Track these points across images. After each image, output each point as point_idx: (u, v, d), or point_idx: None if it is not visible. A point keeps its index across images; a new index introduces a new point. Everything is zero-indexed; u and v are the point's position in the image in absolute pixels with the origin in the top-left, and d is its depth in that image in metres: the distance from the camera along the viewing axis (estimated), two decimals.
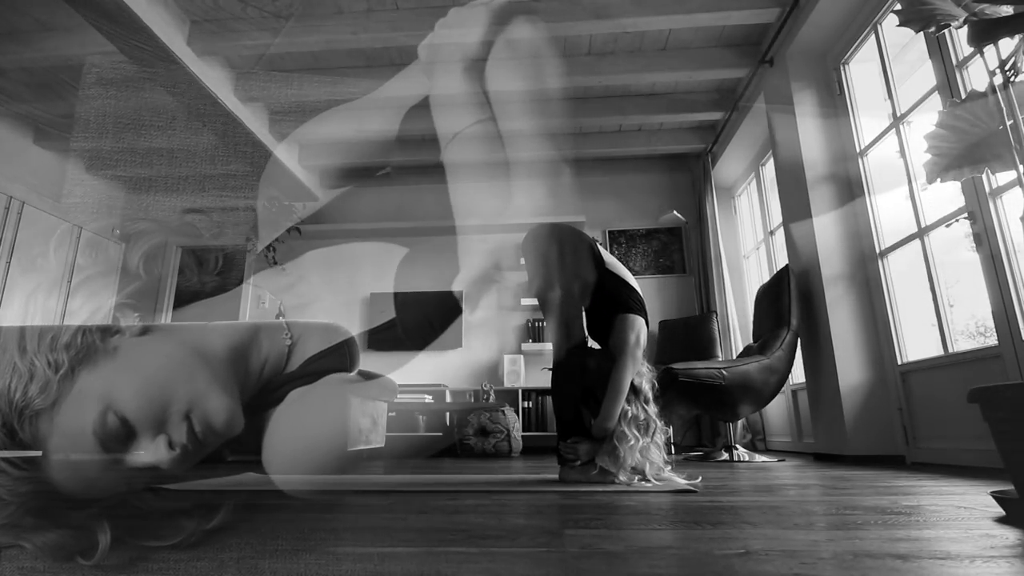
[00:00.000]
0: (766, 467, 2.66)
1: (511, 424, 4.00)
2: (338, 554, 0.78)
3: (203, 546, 0.79)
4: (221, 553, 0.77)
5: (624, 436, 1.79)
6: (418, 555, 0.79)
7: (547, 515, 1.18)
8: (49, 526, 0.72)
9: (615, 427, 1.80)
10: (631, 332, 1.93)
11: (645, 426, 1.83)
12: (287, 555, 0.77)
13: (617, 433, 1.80)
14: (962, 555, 0.76)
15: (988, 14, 1.14)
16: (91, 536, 0.71)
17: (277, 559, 0.75)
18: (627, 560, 0.75)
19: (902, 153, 2.74)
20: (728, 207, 5.08)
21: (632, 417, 1.82)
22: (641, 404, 1.86)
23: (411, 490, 1.63)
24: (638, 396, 1.87)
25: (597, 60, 3.91)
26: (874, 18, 2.88)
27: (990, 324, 2.20)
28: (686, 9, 3.31)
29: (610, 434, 1.81)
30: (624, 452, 1.77)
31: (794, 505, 1.28)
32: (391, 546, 0.85)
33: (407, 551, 0.81)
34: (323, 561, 0.74)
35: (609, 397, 1.84)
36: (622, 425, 1.80)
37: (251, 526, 0.99)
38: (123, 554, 0.73)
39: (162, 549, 0.76)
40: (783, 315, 3.13)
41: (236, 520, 0.99)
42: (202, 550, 0.78)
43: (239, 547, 0.81)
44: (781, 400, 3.89)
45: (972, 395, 1.14)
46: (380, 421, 3.75)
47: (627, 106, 4.43)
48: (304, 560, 0.74)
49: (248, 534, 0.91)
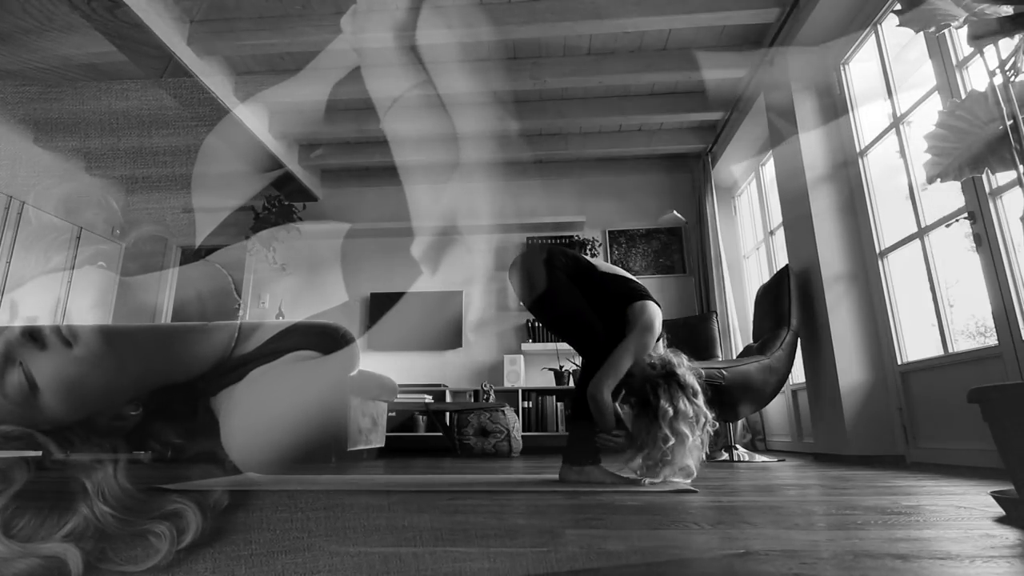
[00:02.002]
0: (766, 467, 2.66)
1: (511, 424, 4.00)
2: (338, 554, 0.78)
3: (179, 565, 0.73)
4: (222, 553, 0.77)
5: (678, 435, 1.72)
6: (418, 555, 0.79)
7: (547, 515, 1.18)
8: (21, 553, 0.67)
9: (658, 431, 1.73)
10: (641, 314, 1.91)
11: (695, 420, 1.76)
12: (287, 555, 0.77)
13: (662, 435, 1.73)
14: (962, 555, 0.76)
15: (988, 14, 1.14)
16: (62, 564, 0.66)
17: (277, 559, 0.75)
18: (627, 560, 0.75)
19: (902, 153, 2.74)
20: (728, 207, 5.08)
21: (682, 413, 1.75)
22: (689, 398, 1.79)
23: (411, 490, 1.63)
24: (685, 391, 1.79)
25: (597, 60, 3.91)
26: (874, 18, 2.88)
27: (990, 324, 2.20)
28: (686, 9, 3.31)
29: (656, 439, 1.74)
30: (678, 453, 1.71)
31: (794, 505, 1.28)
32: (391, 546, 0.85)
33: (407, 551, 0.81)
34: (324, 561, 0.74)
35: (604, 367, 1.82)
36: (668, 427, 1.73)
37: (251, 526, 0.99)
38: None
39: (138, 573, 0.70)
40: (783, 315, 3.13)
41: (236, 520, 0.99)
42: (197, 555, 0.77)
43: (239, 547, 0.81)
44: (781, 400, 3.89)
45: (972, 395, 1.14)
46: (380, 421, 3.75)
47: (627, 106, 4.43)
48: (305, 560, 0.74)
49: (253, 532, 0.91)
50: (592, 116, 4.45)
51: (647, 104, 4.43)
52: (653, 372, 1.83)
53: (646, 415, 1.80)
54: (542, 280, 1.96)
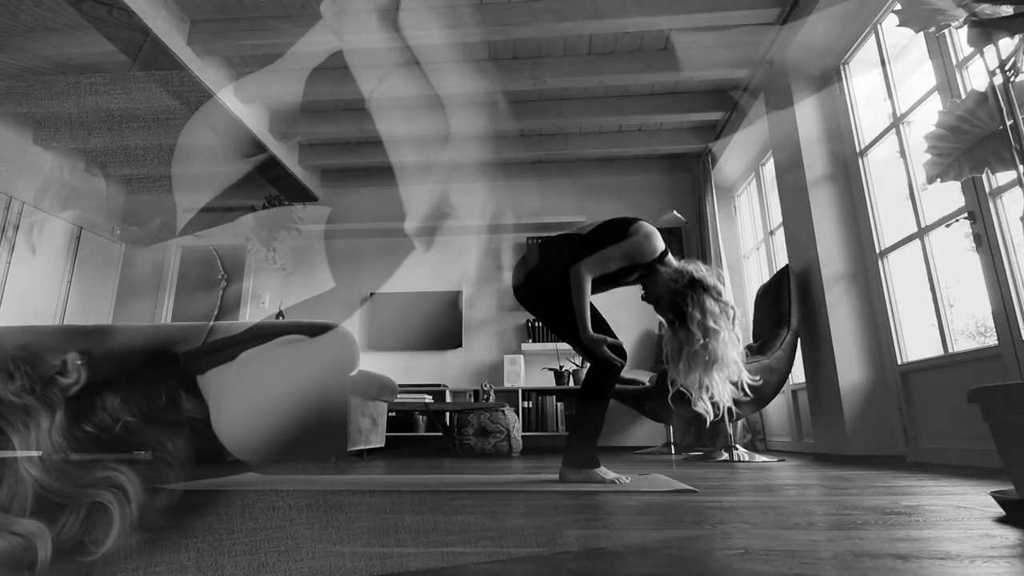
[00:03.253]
0: (766, 467, 2.66)
1: (511, 424, 4.00)
2: (339, 554, 0.78)
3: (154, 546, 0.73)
4: (222, 554, 0.77)
5: (710, 332, 1.78)
6: (418, 555, 0.79)
7: (547, 515, 1.18)
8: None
9: (693, 336, 1.80)
10: (638, 229, 1.96)
11: (724, 314, 1.83)
12: (288, 555, 0.77)
13: (696, 338, 1.79)
14: (962, 555, 0.76)
15: (988, 14, 1.14)
16: (31, 548, 0.65)
17: (278, 559, 0.75)
18: (627, 560, 0.75)
19: (902, 153, 2.74)
20: (728, 207, 5.08)
21: (709, 312, 1.81)
22: (713, 297, 1.85)
23: (411, 490, 1.63)
24: (708, 292, 1.86)
25: (597, 60, 3.91)
26: (874, 18, 2.88)
27: (990, 324, 2.20)
28: (686, 9, 3.31)
29: (693, 343, 1.80)
30: (716, 348, 1.77)
31: (794, 505, 1.28)
32: (391, 546, 0.85)
33: (407, 551, 0.81)
34: (324, 561, 0.74)
35: (594, 255, 1.89)
36: (699, 328, 1.79)
37: (254, 526, 0.99)
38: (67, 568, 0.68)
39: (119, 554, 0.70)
40: (783, 315, 3.13)
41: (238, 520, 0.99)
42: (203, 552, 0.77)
43: (239, 546, 0.81)
44: (781, 400, 3.89)
45: (972, 395, 1.14)
46: (380, 421, 3.75)
47: (627, 106, 4.43)
48: (305, 560, 0.74)
49: (254, 532, 0.91)
50: (592, 116, 4.45)
51: (647, 104, 4.43)
52: (676, 285, 1.90)
53: (679, 328, 1.88)
54: (534, 260, 1.99)
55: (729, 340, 1.80)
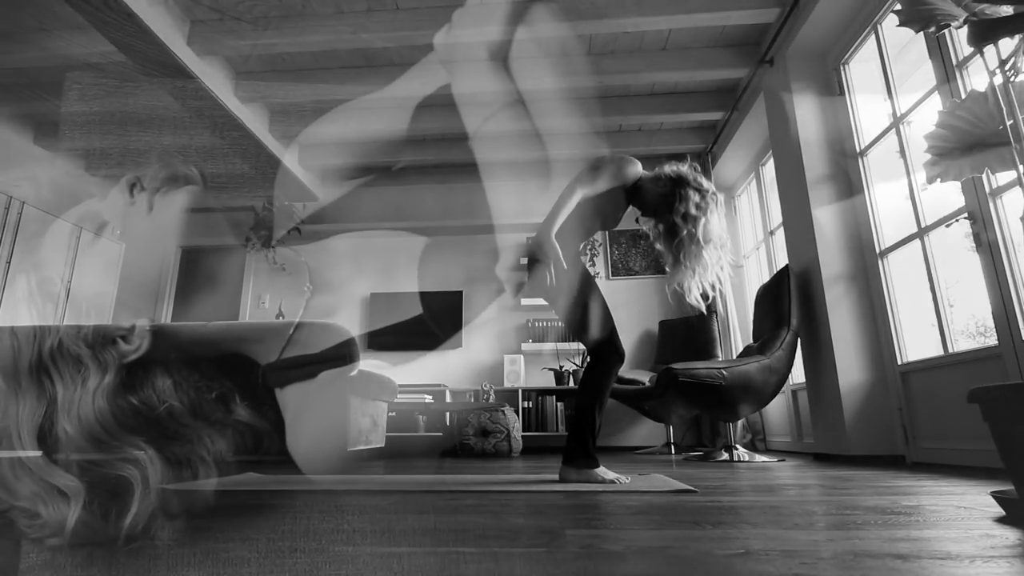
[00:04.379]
0: (766, 467, 2.66)
1: (511, 424, 4.00)
2: (339, 554, 0.78)
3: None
4: (224, 555, 0.77)
5: (693, 220, 1.91)
6: (418, 555, 0.79)
7: (547, 515, 1.18)
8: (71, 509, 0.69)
9: (680, 227, 1.92)
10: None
11: (706, 201, 1.94)
12: (288, 555, 0.77)
13: (684, 226, 1.92)
14: (962, 555, 0.76)
15: (988, 14, 1.14)
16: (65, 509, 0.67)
17: (278, 558, 0.75)
18: (627, 560, 0.75)
19: (902, 153, 2.74)
20: (728, 207, 5.08)
21: (692, 202, 1.92)
22: (695, 188, 1.95)
23: (411, 490, 1.63)
24: (689, 185, 1.97)
25: (597, 60, 3.91)
26: (874, 18, 2.88)
27: (990, 324, 2.20)
28: (686, 9, 3.31)
29: (682, 232, 1.94)
30: (702, 230, 1.90)
31: (794, 505, 1.28)
32: (392, 546, 0.85)
33: (408, 551, 0.81)
34: (324, 561, 0.74)
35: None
36: (682, 219, 1.92)
37: (253, 525, 0.99)
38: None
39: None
40: (783, 315, 3.13)
41: (237, 520, 0.99)
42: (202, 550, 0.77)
43: (240, 546, 0.81)
44: (781, 400, 3.89)
45: (972, 395, 1.14)
46: (380, 421, 3.75)
47: (627, 106, 4.43)
48: (305, 560, 0.74)
49: (253, 532, 0.91)
50: (592, 116, 4.45)
51: (647, 104, 4.43)
52: (661, 188, 2.02)
53: (670, 230, 2.00)
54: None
55: (714, 221, 1.94)
